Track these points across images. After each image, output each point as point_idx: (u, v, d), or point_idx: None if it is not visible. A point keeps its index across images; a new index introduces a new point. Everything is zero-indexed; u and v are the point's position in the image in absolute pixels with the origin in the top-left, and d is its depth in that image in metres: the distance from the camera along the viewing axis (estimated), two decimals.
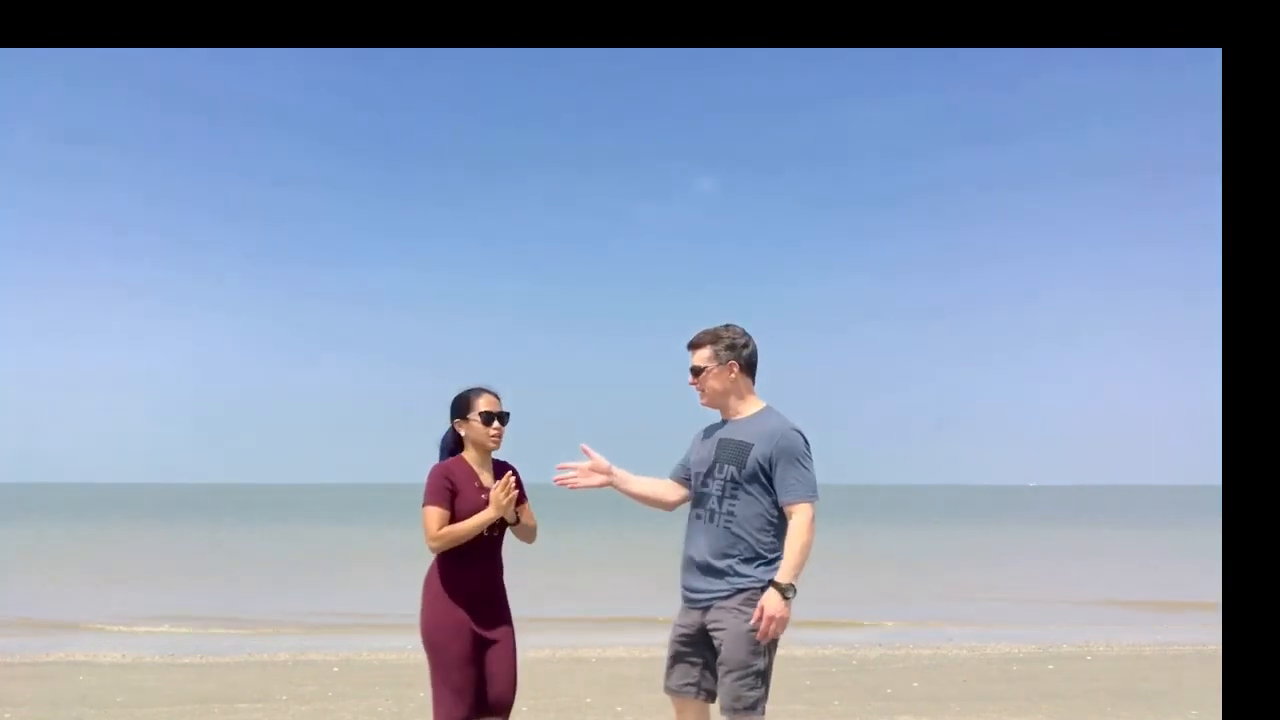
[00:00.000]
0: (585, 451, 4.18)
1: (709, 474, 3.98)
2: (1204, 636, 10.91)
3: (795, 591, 3.74)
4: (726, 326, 4.06)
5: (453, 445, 4.24)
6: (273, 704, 7.17)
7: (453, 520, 4.03)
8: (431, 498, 4.03)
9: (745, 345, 4.04)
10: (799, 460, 3.87)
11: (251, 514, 61.51)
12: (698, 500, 4.03)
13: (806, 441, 3.94)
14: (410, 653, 9.93)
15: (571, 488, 4.19)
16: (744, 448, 3.90)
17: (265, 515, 59.22)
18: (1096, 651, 10.14)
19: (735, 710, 3.84)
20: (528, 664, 6.56)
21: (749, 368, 4.06)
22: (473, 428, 4.15)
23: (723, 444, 3.97)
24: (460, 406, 4.19)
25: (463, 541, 3.98)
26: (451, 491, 4.06)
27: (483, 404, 4.16)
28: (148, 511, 65.26)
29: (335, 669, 8.86)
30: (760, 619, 3.74)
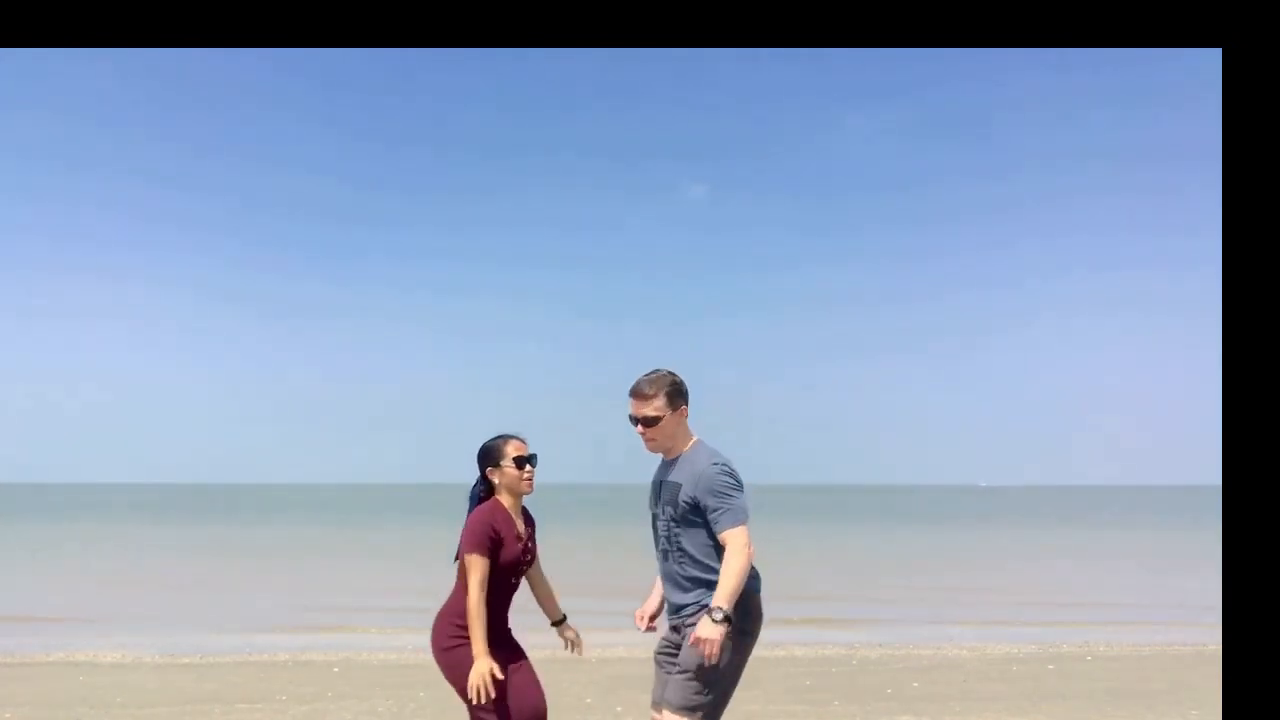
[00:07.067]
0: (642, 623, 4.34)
1: (656, 515, 4.18)
2: (1204, 636, 10.92)
3: (724, 614, 3.74)
4: (667, 371, 4.13)
5: (483, 494, 4.24)
6: (272, 704, 7.17)
7: (492, 568, 4.03)
8: (477, 546, 4.01)
9: (685, 386, 4.14)
10: (722, 493, 3.94)
11: (252, 514, 61.51)
12: (655, 539, 4.21)
13: (729, 472, 4.00)
14: (410, 653, 9.92)
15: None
16: (676, 488, 4.03)
17: (266, 515, 59.22)
18: (1096, 651, 10.14)
19: (675, 708, 3.93)
20: None
21: (688, 406, 4.17)
22: (506, 474, 4.16)
23: (663, 486, 4.13)
24: (491, 455, 4.19)
25: (485, 631, 3.96)
26: (496, 541, 4.05)
27: (513, 449, 4.17)
28: (148, 511, 65.24)
29: (335, 669, 8.86)
30: (693, 642, 3.78)
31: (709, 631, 3.73)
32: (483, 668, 3.93)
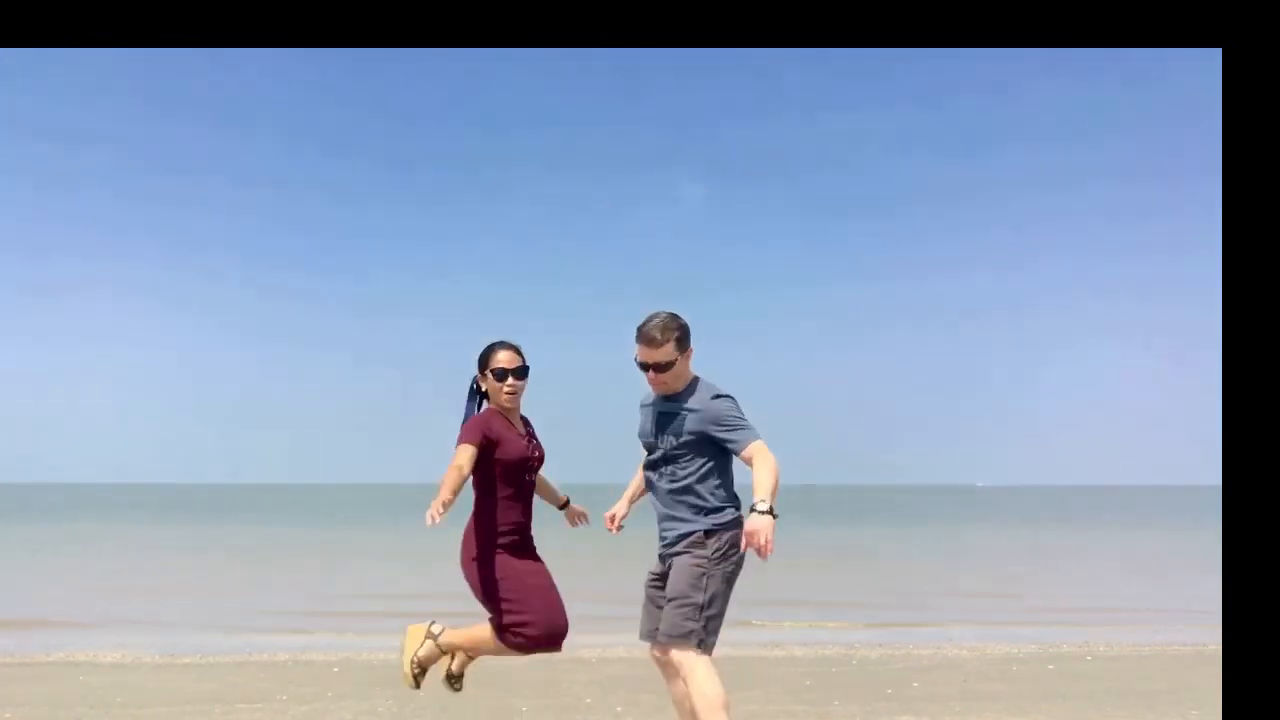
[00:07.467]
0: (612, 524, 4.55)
1: (654, 445, 4.27)
2: (1204, 636, 10.91)
3: (769, 506, 3.88)
4: (671, 315, 4.22)
5: (480, 394, 4.37)
6: (272, 704, 7.17)
7: (502, 465, 4.17)
8: (464, 437, 4.14)
9: (689, 327, 4.25)
10: (732, 418, 4.14)
11: (251, 514, 61.49)
12: (649, 466, 4.31)
13: (734, 401, 4.21)
14: None
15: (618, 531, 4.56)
16: (680, 420, 4.16)
17: (265, 515, 59.21)
18: (1096, 651, 10.14)
19: (670, 637, 4.04)
20: (527, 664, 6.56)
21: (692, 346, 4.28)
22: (489, 383, 4.25)
23: (661, 416, 4.24)
24: (480, 361, 4.31)
25: (452, 489, 4.02)
26: (491, 440, 4.15)
27: (496, 360, 4.26)
28: (148, 511, 65.23)
29: (335, 669, 8.85)
30: (745, 538, 3.91)
31: (757, 523, 3.85)
32: (434, 503, 3.95)
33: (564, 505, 4.70)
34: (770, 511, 3.85)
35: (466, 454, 4.10)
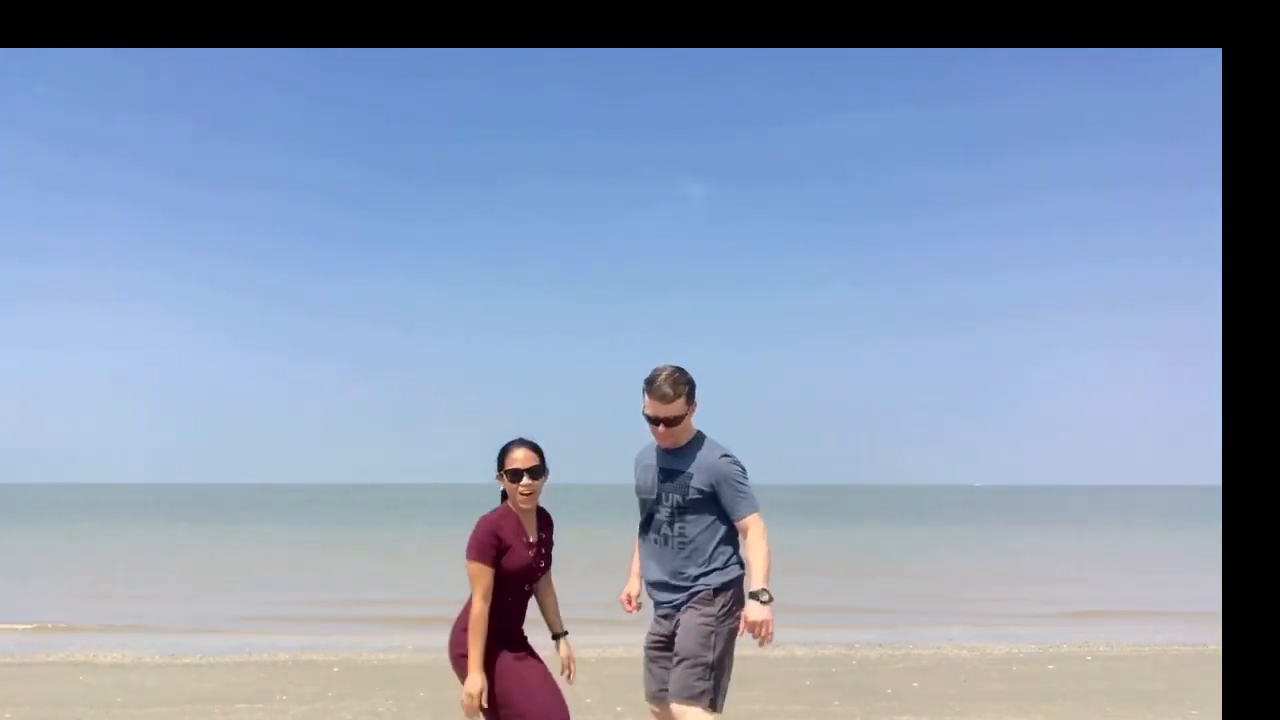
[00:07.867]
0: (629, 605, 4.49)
1: (656, 501, 4.26)
2: (1204, 636, 10.92)
3: (769, 595, 4.00)
4: (678, 369, 4.21)
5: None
6: (273, 704, 7.17)
7: (502, 574, 4.01)
8: (479, 554, 3.98)
9: (695, 383, 4.25)
10: (736, 482, 4.17)
11: (250, 514, 61.50)
12: (650, 524, 4.30)
13: (739, 464, 4.23)
14: (410, 653, 9.93)
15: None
16: (685, 477, 4.18)
17: (264, 515, 59.21)
18: (1096, 651, 10.14)
19: (682, 698, 4.06)
20: None
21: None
22: (505, 483, 4.11)
23: (664, 473, 4.25)
24: (498, 460, 4.14)
25: (481, 649, 3.94)
26: (499, 548, 4.01)
27: (512, 460, 4.08)
28: (147, 512, 65.24)
29: (335, 669, 8.86)
30: (748, 628, 4.00)
31: (761, 614, 3.96)
32: (472, 686, 3.91)
33: (556, 636, 4.33)
34: (771, 599, 3.98)
35: (483, 582, 3.94)
